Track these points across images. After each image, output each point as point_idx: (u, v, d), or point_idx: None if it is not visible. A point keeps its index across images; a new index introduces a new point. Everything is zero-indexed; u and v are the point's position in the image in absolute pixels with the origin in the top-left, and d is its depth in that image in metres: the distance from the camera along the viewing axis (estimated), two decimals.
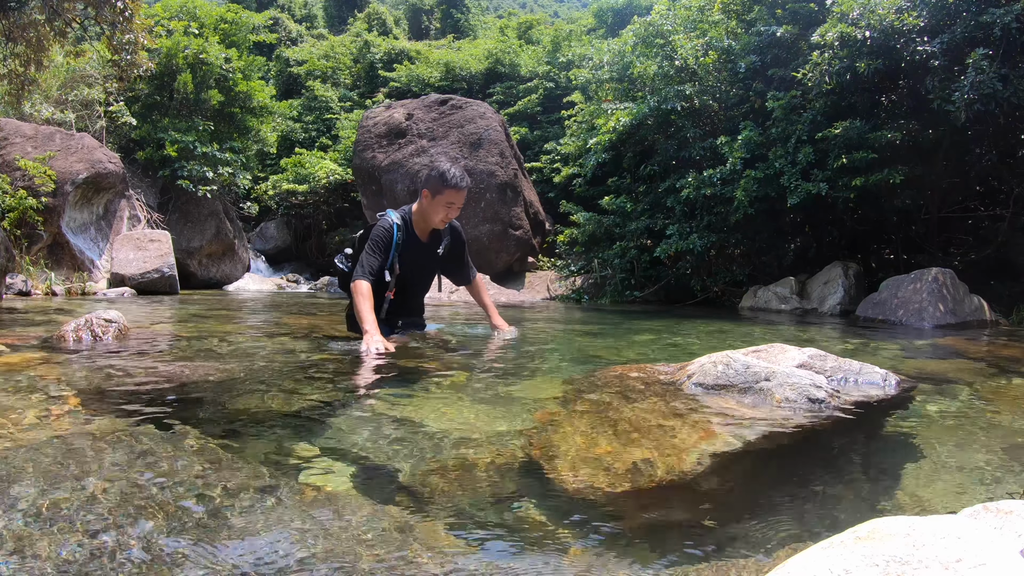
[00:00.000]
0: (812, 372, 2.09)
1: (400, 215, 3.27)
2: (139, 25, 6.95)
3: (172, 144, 10.83)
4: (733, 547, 1.09)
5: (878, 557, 0.70)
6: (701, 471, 1.39)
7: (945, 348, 4.06)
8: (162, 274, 9.14)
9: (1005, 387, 2.59)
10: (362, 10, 28.32)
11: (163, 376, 2.31)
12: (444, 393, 2.19)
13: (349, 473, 1.40)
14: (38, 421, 1.64)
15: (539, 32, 20.82)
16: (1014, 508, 0.86)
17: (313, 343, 3.42)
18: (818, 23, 7.40)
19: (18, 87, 7.84)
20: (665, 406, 1.82)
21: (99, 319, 3.19)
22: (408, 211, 3.31)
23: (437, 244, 3.37)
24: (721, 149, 7.85)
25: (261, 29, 17.03)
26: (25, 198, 7.93)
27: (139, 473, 1.28)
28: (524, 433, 1.67)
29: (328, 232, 15.58)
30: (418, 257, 3.31)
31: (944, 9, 6.19)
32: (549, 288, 10.22)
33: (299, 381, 2.32)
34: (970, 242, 7.90)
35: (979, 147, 7.27)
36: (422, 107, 11.82)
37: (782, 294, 7.62)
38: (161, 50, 10.76)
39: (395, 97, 16.45)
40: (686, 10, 9.45)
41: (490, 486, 1.33)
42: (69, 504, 1.11)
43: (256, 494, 1.20)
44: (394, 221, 3.22)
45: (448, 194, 3.13)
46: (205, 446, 1.47)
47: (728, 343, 3.97)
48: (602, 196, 9.78)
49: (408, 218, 3.28)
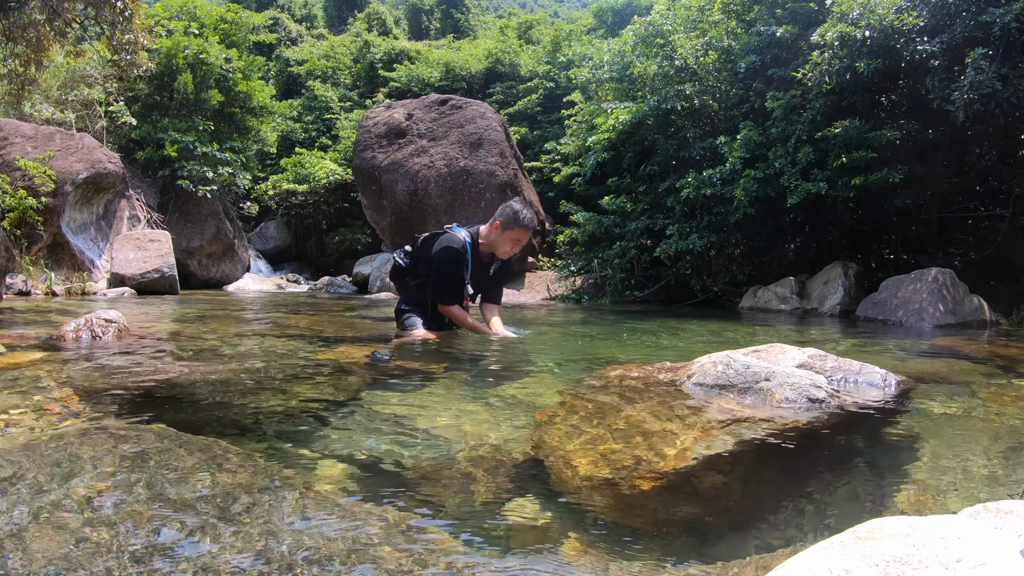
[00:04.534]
0: (812, 372, 2.09)
1: (469, 234, 3.58)
2: (139, 25, 6.95)
3: (172, 144, 10.83)
4: (733, 547, 1.09)
5: (878, 557, 0.70)
6: (701, 471, 1.39)
7: (945, 348, 4.05)
8: (162, 274, 9.14)
9: (1005, 387, 2.59)
10: (362, 10, 28.30)
11: (163, 376, 2.31)
12: (445, 393, 2.19)
13: (350, 473, 1.40)
14: (38, 421, 1.64)
15: (539, 32, 20.82)
16: (1014, 508, 0.86)
17: (313, 343, 3.42)
18: (818, 23, 7.40)
19: (18, 87, 7.84)
20: (665, 406, 1.82)
21: (99, 319, 3.19)
22: (476, 232, 3.62)
23: (491, 264, 3.69)
24: (721, 149, 7.86)
25: (261, 29, 17.04)
26: (25, 198, 7.92)
27: (139, 473, 1.28)
28: (524, 433, 1.67)
29: (328, 232, 15.57)
30: (477, 274, 3.63)
31: (944, 9, 6.19)
32: (549, 288, 10.22)
33: (299, 381, 2.32)
34: (970, 242, 7.90)
35: (979, 147, 7.27)
36: (422, 107, 11.82)
37: (782, 294, 7.62)
38: (161, 50, 10.75)
39: (395, 97, 16.45)
40: (686, 10, 9.45)
41: (490, 486, 1.33)
42: (69, 504, 1.11)
43: (256, 494, 1.20)
44: (465, 240, 3.53)
45: (518, 231, 3.49)
46: (205, 446, 1.47)
47: (728, 343, 3.97)
48: (602, 196, 9.78)
49: (476, 238, 3.59)
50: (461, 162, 10.60)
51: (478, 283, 3.67)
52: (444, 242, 3.53)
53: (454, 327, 3.78)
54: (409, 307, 3.71)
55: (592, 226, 9.54)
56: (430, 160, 10.85)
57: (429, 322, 3.63)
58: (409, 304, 3.73)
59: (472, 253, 3.54)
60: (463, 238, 3.54)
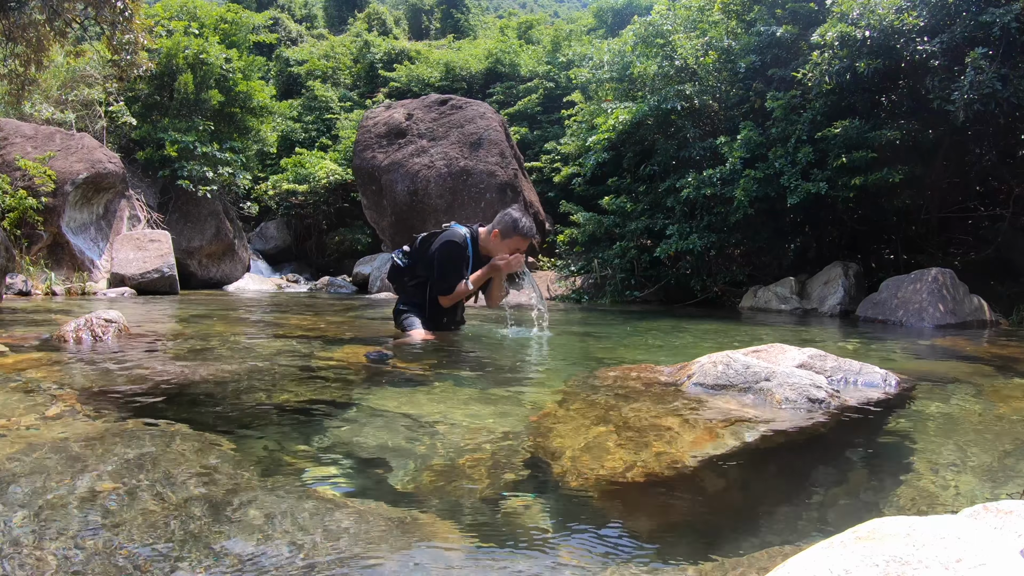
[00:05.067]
0: (812, 372, 2.09)
1: (469, 232, 3.62)
2: (139, 25, 6.95)
3: (172, 144, 10.83)
4: (733, 547, 1.09)
5: (878, 557, 0.70)
6: (701, 471, 1.39)
7: (945, 348, 4.05)
8: (162, 274, 9.14)
9: (1005, 387, 2.59)
10: (362, 10, 28.30)
11: (163, 376, 2.31)
12: (445, 393, 2.19)
13: (350, 473, 1.40)
14: (38, 421, 1.64)
15: (539, 32, 20.82)
16: (1014, 508, 0.86)
17: (313, 343, 3.42)
18: (818, 23, 7.40)
19: (18, 87, 7.83)
20: (665, 406, 1.83)
21: (99, 319, 3.19)
22: (476, 232, 3.65)
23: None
24: (721, 149, 7.85)
25: (261, 29, 17.04)
26: (25, 198, 7.92)
27: (139, 473, 1.28)
28: (524, 433, 1.67)
29: (328, 232, 15.57)
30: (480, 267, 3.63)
31: (944, 9, 6.19)
32: (549, 288, 10.21)
33: (299, 381, 2.32)
34: (970, 242, 7.90)
35: (979, 147, 7.27)
36: (422, 107, 11.82)
37: (782, 294, 7.62)
38: (161, 50, 10.75)
39: (395, 97, 16.45)
40: (686, 10, 9.44)
41: (490, 485, 1.33)
42: (69, 504, 1.12)
43: (257, 494, 1.20)
44: (466, 236, 3.57)
45: (516, 240, 3.52)
46: (205, 446, 1.47)
47: (728, 343, 3.97)
48: (602, 196, 9.77)
49: (475, 237, 3.63)
50: (461, 162, 10.60)
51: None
52: (445, 237, 3.56)
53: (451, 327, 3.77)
54: (407, 307, 3.71)
55: (592, 226, 9.53)
56: (430, 160, 10.85)
57: (427, 322, 3.62)
58: (407, 304, 3.73)
59: (472, 250, 3.57)
60: (464, 233, 3.58)
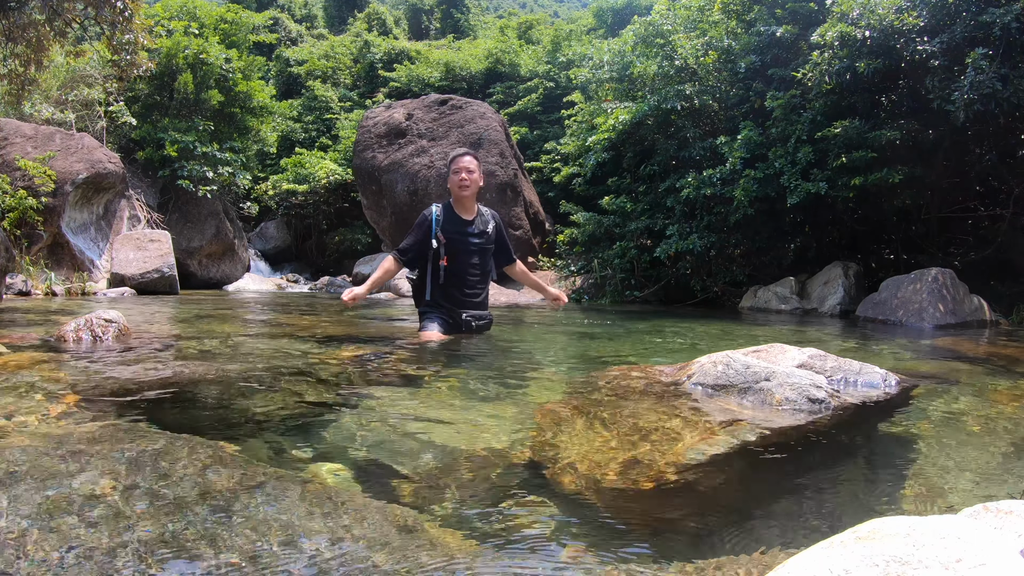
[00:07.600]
0: (812, 372, 2.09)
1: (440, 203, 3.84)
2: (139, 25, 6.94)
3: (172, 144, 10.83)
4: (733, 547, 1.09)
5: (878, 557, 0.70)
6: (701, 471, 1.39)
7: (945, 348, 4.05)
8: (162, 274, 9.14)
9: (1005, 387, 2.59)
10: (362, 10, 28.30)
11: (163, 376, 2.31)
12: (445, 393, 2.19)
13: (350, 473, 1.40)
14: (38, 421, 1.64)
15: (539, 32, 20.83)
16: (1014, 508, 0.86)
17: (313, 343, 3.42)
18: (818, 23, 7.40)
19: (18, 87, 7.83)
20: (665, 406, 1.83)
21: (99, 319, 3.19)
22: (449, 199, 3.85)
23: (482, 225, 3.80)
24: (721, 149, 7.85)
25: (261, 29, 17.06)
26: (25, 198, 7.93)
27: (139, 473, 1.28)
28: (524, 433, 1.67)
29: (328, 232, 15.58)
30: (460, 227, 3.73)
31: (944, 9, 6.19)
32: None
33: (299, 381, 2.32)
34: (970, 242, 7.90)
35: (979, 147, 7.27)
36: (422, 107, 11.82)
37: (782, 294, 7.62)
38: (161, 50, 10.75)
39: (395, 97, 16.45)
40: (686, 10, 9.44)
41: (490, 486, 1.33)
42: (69, 504, 1.11)
43: (257, 494, 1.20)
44: (432, 206, 3.78)
45: (453, 165, 3.72)
46: (205, 446, 1.47)
47: (728, 343, 3.97)
48: (602, 196, 9.77)
49: (448, 202, 3.81)
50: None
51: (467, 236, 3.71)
52: None
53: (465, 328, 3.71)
54: (423, 307, 3.75)
55: (592, 226, 9.53)
56: (430, 160, 10.85)
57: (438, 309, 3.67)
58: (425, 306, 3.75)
59: (445, 211, 3.72)
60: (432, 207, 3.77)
